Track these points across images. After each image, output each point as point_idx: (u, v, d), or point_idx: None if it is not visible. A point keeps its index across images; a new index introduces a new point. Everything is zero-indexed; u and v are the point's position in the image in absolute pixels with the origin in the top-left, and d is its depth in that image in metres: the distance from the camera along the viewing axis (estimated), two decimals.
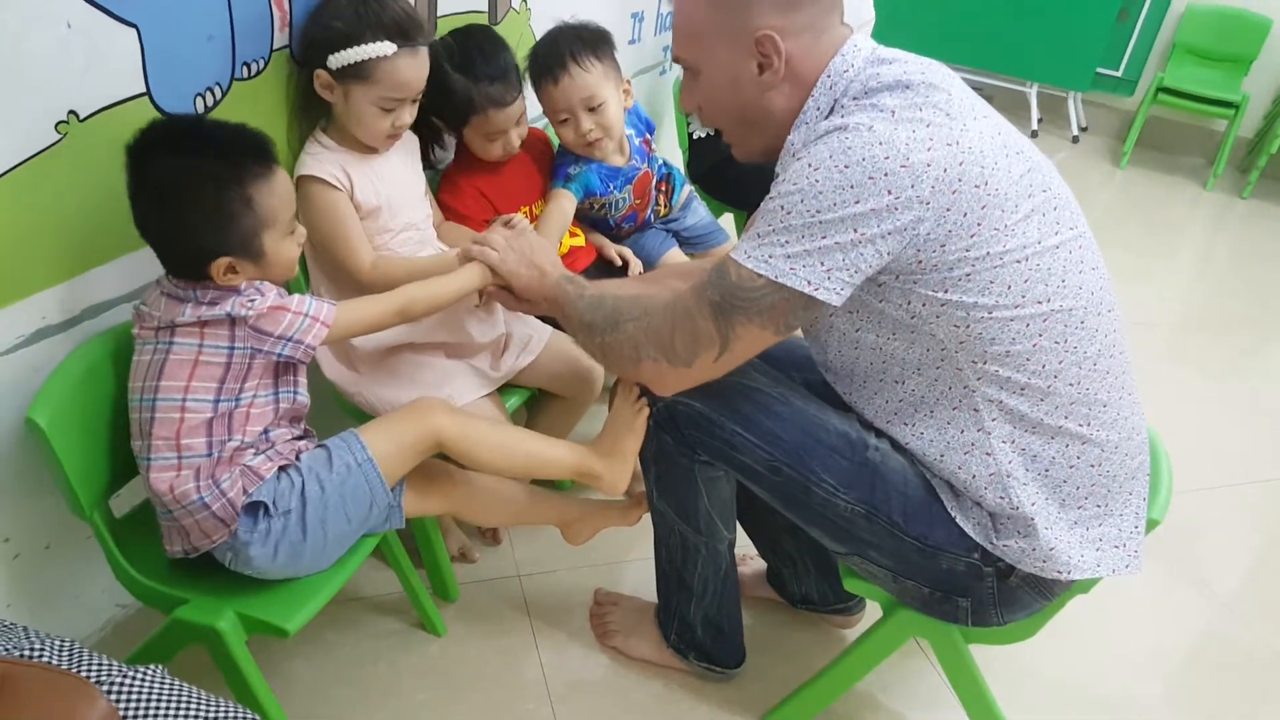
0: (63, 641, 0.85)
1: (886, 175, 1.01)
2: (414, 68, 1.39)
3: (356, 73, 1.36)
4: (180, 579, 1.20)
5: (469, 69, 1.60)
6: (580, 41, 1.72)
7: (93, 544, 1.20)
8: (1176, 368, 2.83)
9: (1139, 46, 4.64)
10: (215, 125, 1.16)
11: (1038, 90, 4.76)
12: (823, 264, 1.04)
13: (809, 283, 1.05)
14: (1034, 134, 4.76)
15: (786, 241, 1.05)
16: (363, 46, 1.33)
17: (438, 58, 1.53)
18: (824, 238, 1.03)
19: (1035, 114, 4.77)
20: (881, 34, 2.65)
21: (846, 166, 1.02)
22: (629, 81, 1.83)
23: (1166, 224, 4.11)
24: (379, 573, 1.65)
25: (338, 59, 1.35)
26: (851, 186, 1.02)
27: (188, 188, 1.08)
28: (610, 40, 1.78)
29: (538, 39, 1.77)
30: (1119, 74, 4.72)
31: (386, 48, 1.34)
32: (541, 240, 1.42)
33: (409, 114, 1.44)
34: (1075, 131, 4.85)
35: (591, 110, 1.74)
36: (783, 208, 1.05)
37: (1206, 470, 2.29)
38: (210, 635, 1.14)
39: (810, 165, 1.04)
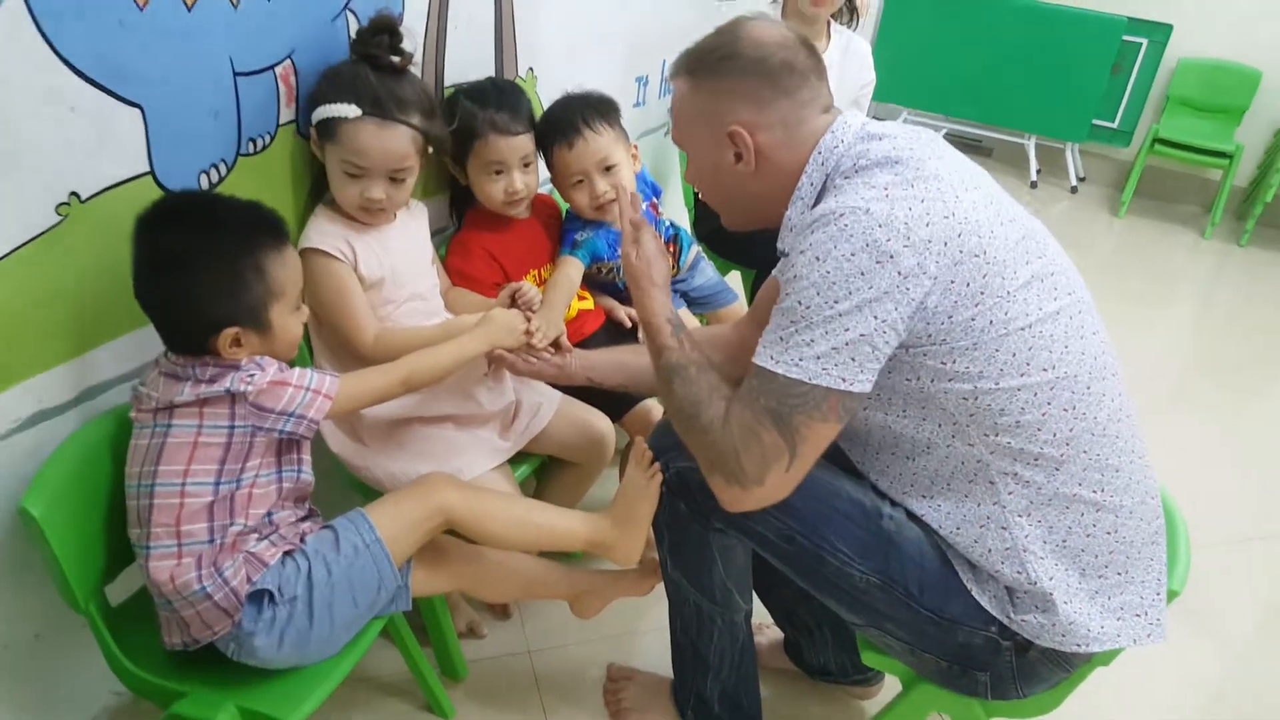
0: None
1: (892, 257, 1.02)
2: (376, 138, 1.36)
3: (327, 130, 1.37)
4: (178, 670, 1.16)
5: (480, 98, 1.64)
6: (590, 108, 1.75)
7: (87, 630, 1.16)
8: (1181, 416, 2.82)
9: (1134, 98, 4.70)
10: (229, 199, 1.17)
11: (1036, 142, 4.82)
12: (853, 359, 1.05)
13: (844, 380, 1.05)
14: (1033, 185, 4.79)
15: (811, 340, 1.05)
16: (329, 105, 1.35)
17: (456, 92, 1.63)
18: (847, 330, 1.03)
19: (1034, 165, 4.81)
20: (883, 91, 2.69)
21: (852, 254, 1.03)
22: (636, 146, 1.85)
23: (1167, 272, 4.13)
24: (384, 651, 1.59)
25: (315, 115, 1.37)
26: (861, 274, 1.02)
27: (200, 255, 1.09)
28: (618, 109, 1.82)
29: (547, 107, 1.79)
30: (1115, 125, 4.78)
31: (349, 110, 1.34)
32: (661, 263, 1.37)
33: (380, 189, 1.40)
34: (1074, 182, 4.89)
35: (606, 171, 1.76)
36: (800, 303, 1.05)
37: (1216, 522, 2.26)
38: None
39: (817, 258, 1.04)
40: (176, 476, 1.10)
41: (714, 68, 1.19)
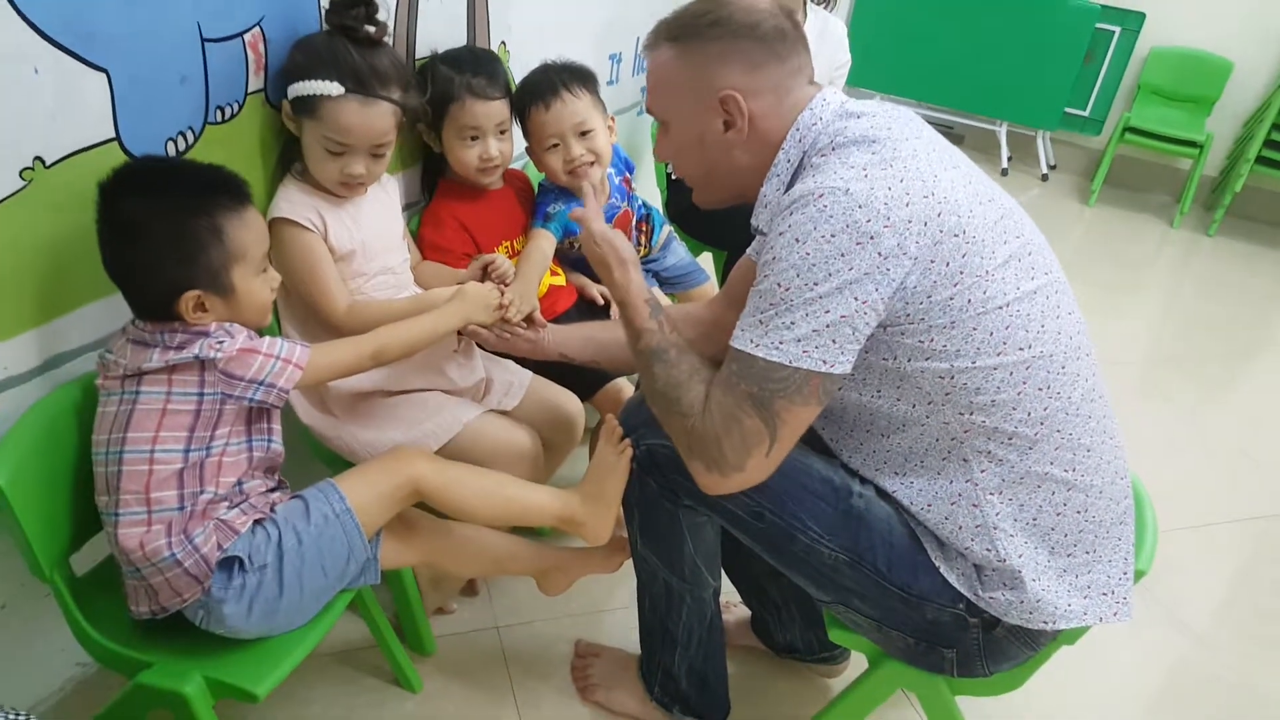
0: (17, 715, 0.81)
1: (872, 238, 1.02)
2: (360, 115, 1.35)
3: (306, 107, 1.35)
4: (144, 640, 1.15)
5: (456, 64, 1.63)
6: (569, 73, 1.75)
7: (51, 601, 1.15)
8: (1148, 403, 2.86)
9: (1105, 87, 4.73)
10: (190, 164, 1.15)
11: (1007, 129, 4.84)
12: (834, 341, 1.04)
13: (825, 361, 1.05)
14: (1004, 172, 4.82)
15: (792, 323, 1.04)
16: (311, 82, 1.33)
17: (433, 58, 1.62)
18: (827, 312, 1.03)
19: (1005, 152, 4.84)
20: (856, 76, 2.70)
21: (832, 235, 1.02)
22: (613, 118, 1.84)
23: (1135, 261, 4.17)
24: (352, 623, 1.59)
25: (293, 90, 1.34)
26: (842, 255, 1.02)
27: (157, 218, 1.07)
28: (596, 78, 1.81)
29: (526, 74, 1.79)
30: (1086, 114, 4.81)
31: (333, 88, 1.33)
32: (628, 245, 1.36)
33: (362, 164, 1.39)
34: (1044, 170, 4.93)
35: (582, 136, 1.75)
36: (780, 285, 1.05)
37: (1180, 507, 2.30)
38: (176, 701, 1.09)
39: (796, 239, 1.04)
40: (145, 443, 1.08)
41: (703, 33, 1.17)
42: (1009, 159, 4.88)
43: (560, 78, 1.73)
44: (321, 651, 1.57)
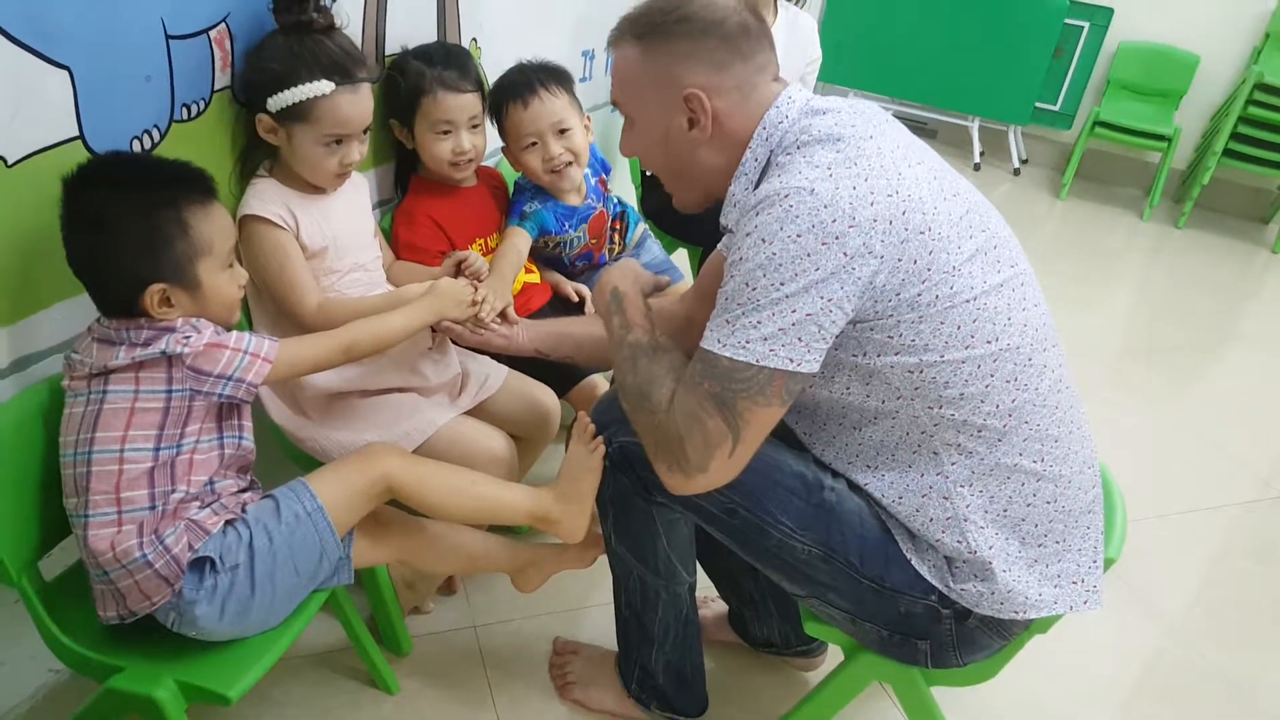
0: None
1: (838, 238, 1.02)
2: (354, 104, 1.36)
3: (296, 113, 1.34)
4: (115, 644, 1.14)
5: (427, 58, 1.62)
6: (546, 72, 1.76)
7: (19, 607, 1.13)
8: (1118, 394, 2.88)
9: (1075, 81, 4.79)
10: (154, 159, 1.15)
11: (979, 124, 4.88)
12: (800, 339, 1.04)
13: (791, 360, 1.05)
14: (976, 166, 4.86)
15: (759, 322, 1.04)
16: (300, 87, 1.32)
17: (404, 54, 1.61)
18: (794, 311, 1.03)
19: (977, 147, 4.88)
20: (828, 72, 2.71)
21: (799, 235, 1.02)
22: (589, 117, 1.84)
23: (1106, 253, 4.21)
24: (327, 625, 1.58)
25: (276, 101, 1.33)
26: (808, 255, 1.02)
27: (123, 211, 1.06)
28: (572, 79, 1.82)
29: (499, 75, 1.79)
30: (1057, 108, 4.86)
31: (324, 86, 1.32)
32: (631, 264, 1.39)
33: (358, 150, 1.41)
34: (1016, 164, 4.97)
35: (560, 134, 1.76)
36: (747, 284, 1.05)
37: (1150, 498, 2.32)
38: (147, 705, 1.08)
39: (762, 239, 1.04)
40: (114, 443, 1.07)
41: (668, 30, 1.17)
42: (981, 154, 4.91)
43: (538, 76, 1.74)
44: (296, 654, 1.56)
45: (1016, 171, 4.96)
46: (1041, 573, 1.18)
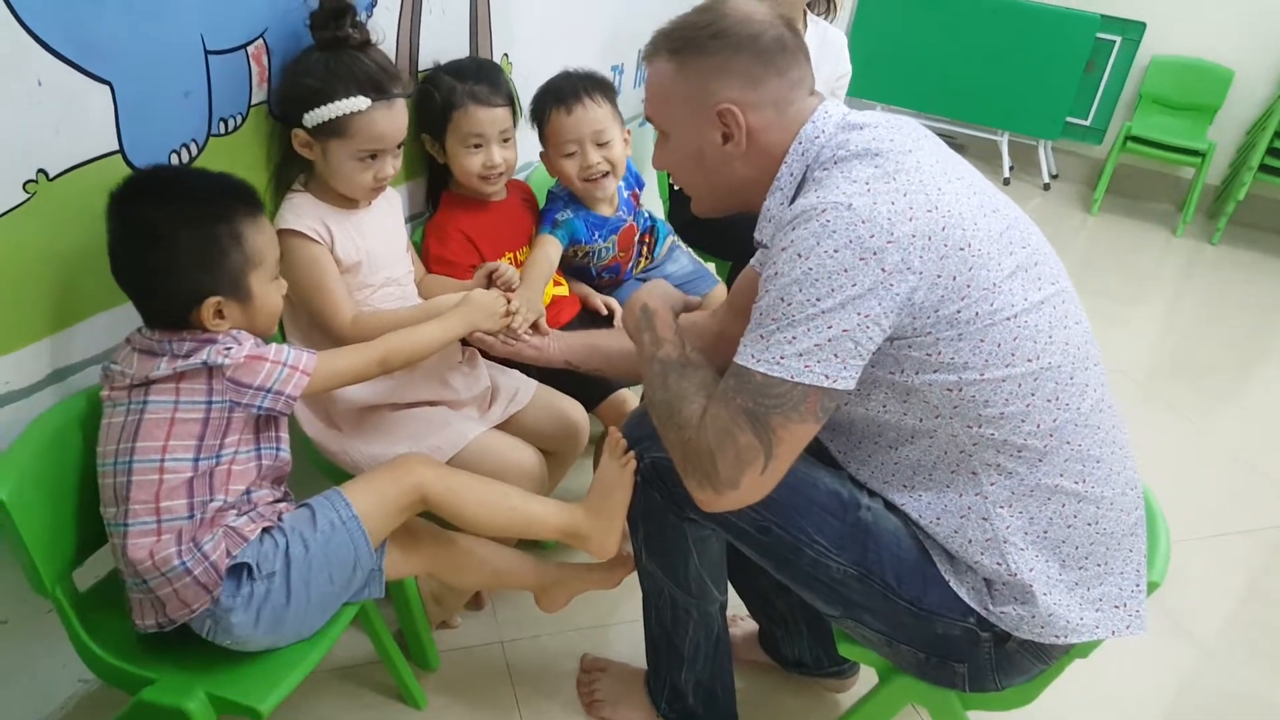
0: None
1: (875, 254, 1.01)
2: (390, 120, 1.38)
3: (332, 129, 1.34)
4: (147, 656, 1.14)
5: (459, 73, 1.64)
6: (591, 81, 1.78)
7: (52, 617, 1.14)
8: (1153, 414, 2.84)
9: (1106, 96, 4.73)
10: (201, 172, 1.16)
11: (1009, 139, 4.84)
12: (836, 355, 1.03)
13: (826, 376, 1.03)
14: (1006, 182, 4.82)
15: (794, 337, 1.03)
16: (337, 103, 1.33)
17: (436, 69, 1.63)
18: (830, 327, 1.02)
19: (1007, 162, 4.84)
20: (856, 87, 2.69)
21: (836, 251, 1.01)
22: (629, 130, 1.85)
23: (1139, 270, 4.16)
24: (355, 639, 1.58)
25: (313, 116, 1.34)
26: (845, 270, 1.01)
27: (178, 226, 1.08)
28: (615, 90, 1.84)
29: (544, 81, 1.81)
30: (1088, 123, 4.81)
31: (360, 102, 1.33)
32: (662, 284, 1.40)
33: (391, 165, 1.42)
34: (1046, 179, 4.93)
35: (599, 145, 1.77)
36: (782, 299, 1.04)
37: (1187, 518, 2.28)
38: (178, 717, 1.07)
39: (799, 254, 1.03)
40: (155, 452, 1.08)
41: (703, 45, 1.16)
42: (1011, 168, 4.87)
43: (582, 84, 1.75)
44: (325, 668, 1.55)
45: (1047, 186, 4.91)
46: (1083, 596, 1.16)
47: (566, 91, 1.74)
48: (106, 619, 1.16)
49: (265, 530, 1.15)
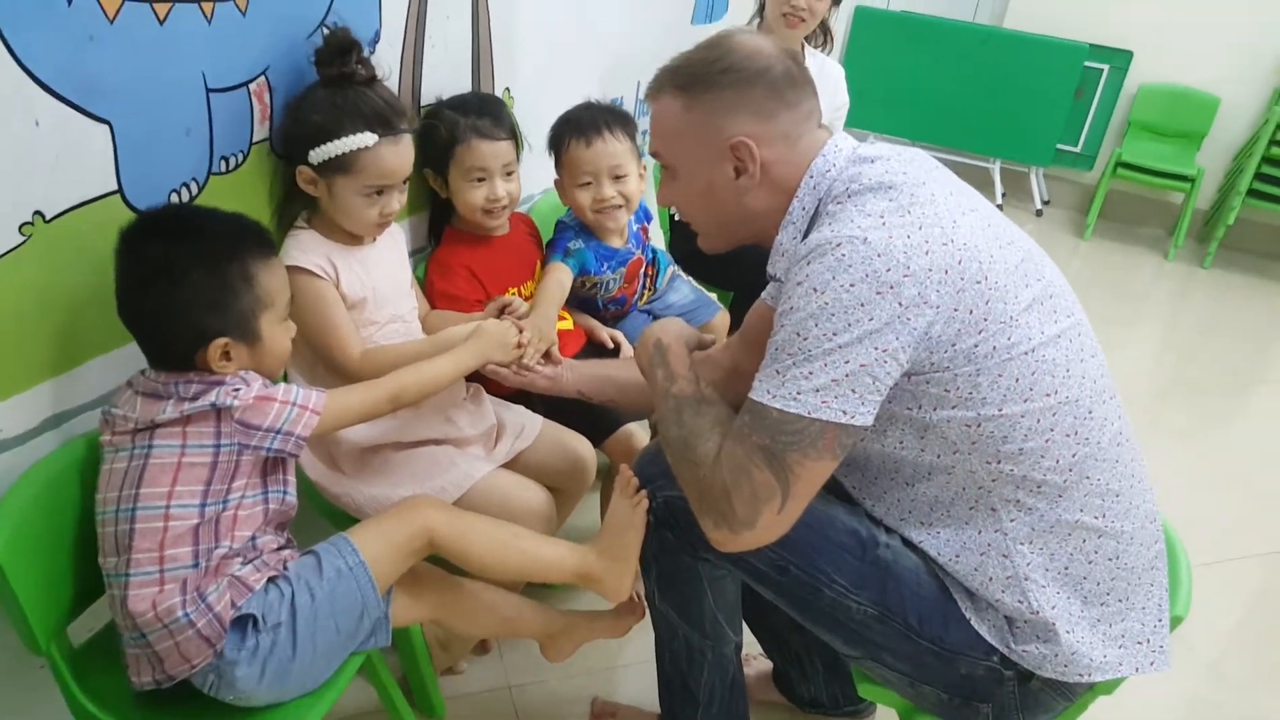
0: None
1: (892, 288, 1.00)
2: (396, 156, 1.36)
3: (339, 165, 1.33)
4: (144, 714, 1.10)
5: (462, 107, 1.64)
6: (613, 115, 1.78)
7: (44, 674, 1.10)
8: (1152, 438, 2.82)
9: (1096, 123, 4.78)
10: (214, 211, 1.15)
11: (1001, 166, 4.87)
12: (854, 391, 1.01)
13: (844, 413, 1.01)
14: (999, 208, 4.84)
15: (810, 373, 1.01)
16: (344, 139, 1.31)
17: (438, 103, 1.62)
18: (847, 362, 1.00)
19: (999, 189, 4.87)
20: (849, 117, 2.71)
21: (852, 285, 1.00)
22: (645, 166, 1.85)
23: (1132, 294, 4.18)
24: (359, 688, 1.52)
25: (319, 153, 1.32)
26: (862, 305, 1.00)
27: (193, 263, 1.06)
28: (636, 125, 1.84)
29: (568, 110, 1.81)
30: (1078, 149, 4.85)
31: (368, 139, 1.32)
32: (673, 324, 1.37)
33: (398, 200, 1.40)
34: (1039, 205, 4.95)
35: (616, 179, 1.77)
36: (798, 334, 1.02)
37: (1193, 544, 2.25)
38: None
39: (815, 289, 1.01)
40: (160, 499, 1.05)
41: (713, 81, 1.15)
42: (1003, 195, 4.90)
43: (605, 118, 1.76)
44: (328, 717, 1.51)
45: (1039, 213, 4.94)
46: (1105, 633, 1.14)
47: (587, 124, 1.74)
48: (103, 675, 1.12)
49: (270, 579, 1.11)
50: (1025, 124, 4.62)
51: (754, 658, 1.68)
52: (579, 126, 1.74)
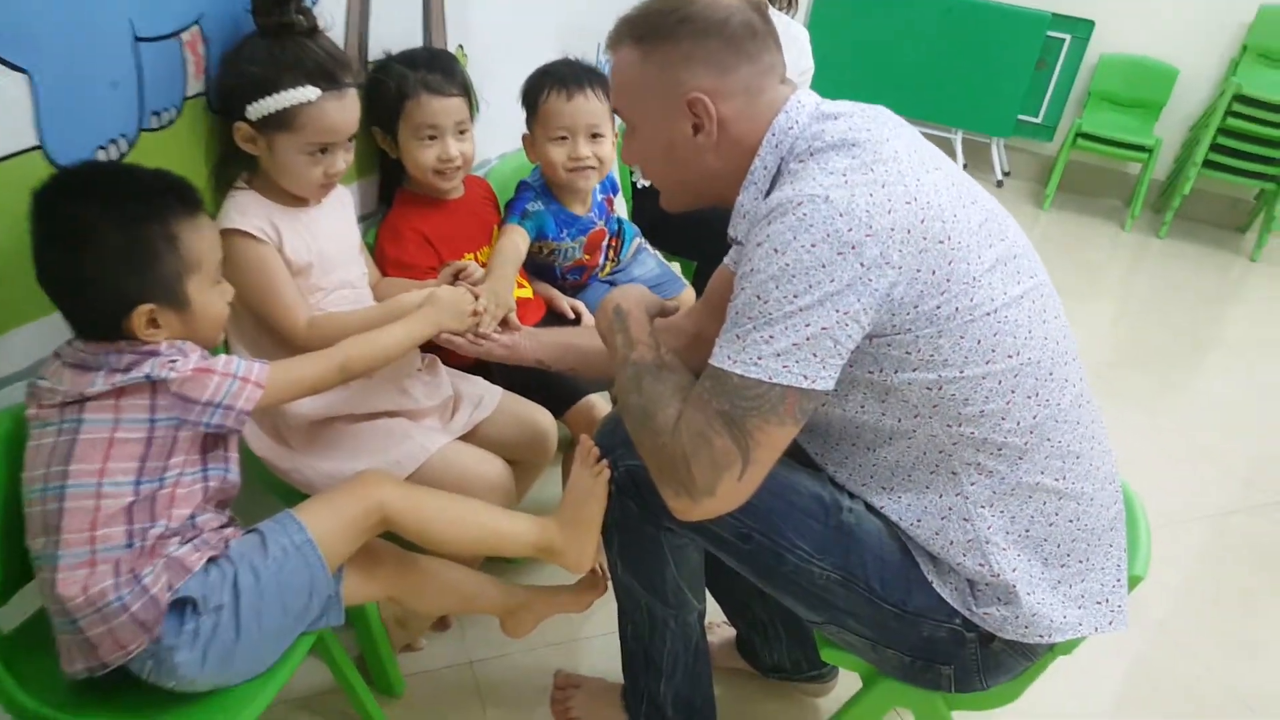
0: None
1: (854, 248, 0.97)
2: (341, 111, 1.30)
3: (279, 121, 1.26)
4: (82, 701, 1.05)
5: (411, 61, 1.57)
6: (594, 75, 1.73)
7: None
8: (1108, 403, 2.83)
9: (1057, 94, 4.80)
10: (135, 169, 1.08)
11: (963, 137, 4.88)
12: (815, 355, 0.99)
13: (805, 377, 0.99)
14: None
15: (771, 337, 0.99)
16: (283, 93, 1.24)
17: (387, 58, 1.56)
18: (808, 325, 0.98)
19: (961, 160, 4.88)
20: (813, 85, 2.68)
21: (813, 245, 0.97)
22: (617, 134, 1.79)
23: (1089, 264, 4.23)
24: (313, 666, 1.48)
25: (257, 108, 1.25)
26: (823, 266, 0.97)
27: (107, 225, 1.00)
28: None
29: (546, 63, 1.76)
30: (1039, 120, 4.88)
31: (310, 92, 1.25)
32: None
33: (343, 159, 1.34)
34: (999, 176, 4.98)
35: (592, 138, 1.72)
36: (758, 297, 0.99)
37: (1149, 507, 2.30)
38: None
39: (775, 249, 0.99)
40: (91, 476, 0.99)
41: (669, 32, 1.11)
42: (964, 166, 4.92)
43: (586, 75, 1.71)
44: (279, 699, 1.44)
45: (1000, 183, 4.97)
46: (1065, 594, 1.14)
47: (569, 77, 1.69)
48: (35, 662, 1.06)
49: (211, 559, 1.06)
50: (987, 94, 4.64)
51: (717, 625, 1.68)
52: (560, 78, 1.69)
